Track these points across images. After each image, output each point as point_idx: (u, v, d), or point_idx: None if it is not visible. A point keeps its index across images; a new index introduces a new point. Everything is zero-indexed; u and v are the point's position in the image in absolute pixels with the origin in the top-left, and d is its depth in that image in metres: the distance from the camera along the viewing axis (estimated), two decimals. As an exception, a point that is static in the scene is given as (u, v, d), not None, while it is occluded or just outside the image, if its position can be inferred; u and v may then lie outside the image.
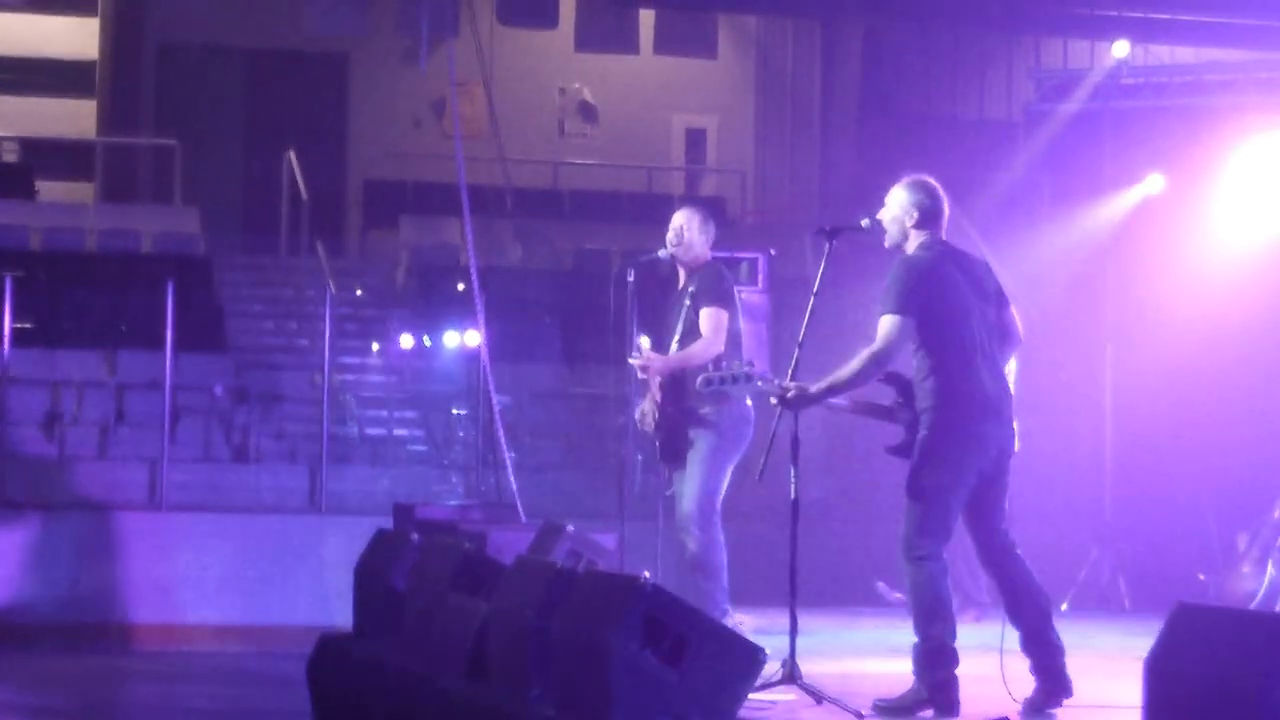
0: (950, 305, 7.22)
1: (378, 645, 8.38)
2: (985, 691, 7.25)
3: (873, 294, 9.78)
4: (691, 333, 9.17)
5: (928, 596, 7.14)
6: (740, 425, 9.16)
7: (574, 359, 15.73)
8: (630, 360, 9.28)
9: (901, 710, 7.09)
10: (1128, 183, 13.47)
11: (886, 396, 7.45)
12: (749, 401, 9.13)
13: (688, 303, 9.28)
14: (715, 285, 9.22)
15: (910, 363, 7.35)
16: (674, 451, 9.28)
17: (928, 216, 7.45)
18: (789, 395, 7.29)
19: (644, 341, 9.29)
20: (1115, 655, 8.58)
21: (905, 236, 7.49)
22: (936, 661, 7.13)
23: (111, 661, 11.78)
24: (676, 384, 9.22)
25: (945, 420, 7.14)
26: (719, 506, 9.21)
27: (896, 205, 7.52)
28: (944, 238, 7.46)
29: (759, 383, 7.33)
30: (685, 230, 9.32)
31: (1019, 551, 7.30)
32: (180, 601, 12.39)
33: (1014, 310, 7.52)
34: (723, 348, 9.09)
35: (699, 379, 7.45)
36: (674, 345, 9.31)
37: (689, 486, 9.16)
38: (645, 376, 9.33)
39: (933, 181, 7.57)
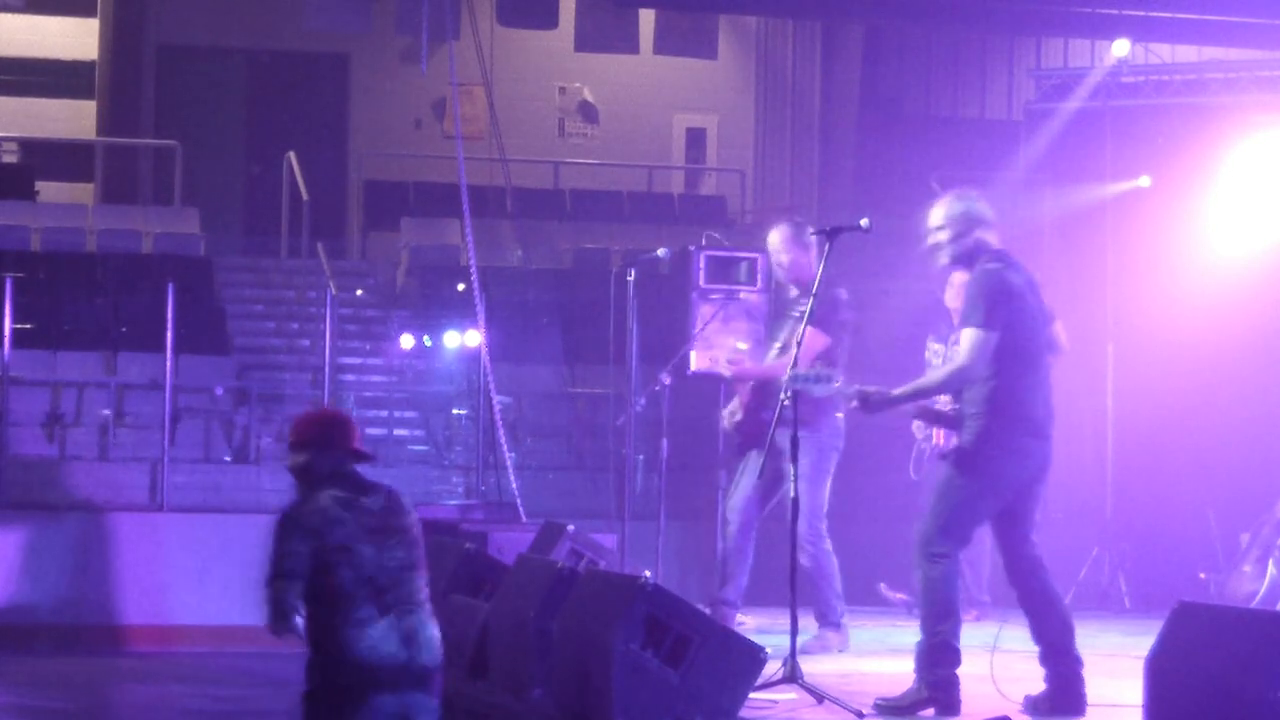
0: (1021, 321, 7.21)
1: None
2: (985, 690, 7.25)
3: (871, 292, 9.83)
4: (792, 347, 9.24)
5: (939, 595, 7.13)
6: (834, 438, 9.36)
7: (574, 359, 15.71)
8: (723, 367, 9.42)
9: (902, 709, 7.10)
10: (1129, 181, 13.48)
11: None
12: (840, 415, 9.29)
13: (796, 315, 9.33)
14: (829, 313, 9.28)
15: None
16: (755, 440, 9.40)
17: (989, 226, 7.40)
18: (871, 398, 7.28)
19: (741, 346, 9.44)
20: (1115, 655, 8.58)
21: (974, 247, 7.36)
22: (940, 659, 7.13)
23: (111, 662, 11.77)
24: (767, 394, 9.30)
25: (991, 432, 7.14)
26: (824, 517, 9.37)
27: (957, 221, 7.38)
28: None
29: (837, 383, 7.33)
30: (777, 254, 9.49)
31: (1045, 564, 7.32)
32: (180, 602, 12.38)
33: (1059, 325, 7.51)
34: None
35: (785, 377, 7.48)
36: (773, 352, 9.40)
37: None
38: (731, 378, 9.50)
39: (975, 191, 7.54)
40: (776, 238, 9.54)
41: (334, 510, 6.10)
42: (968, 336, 7.20)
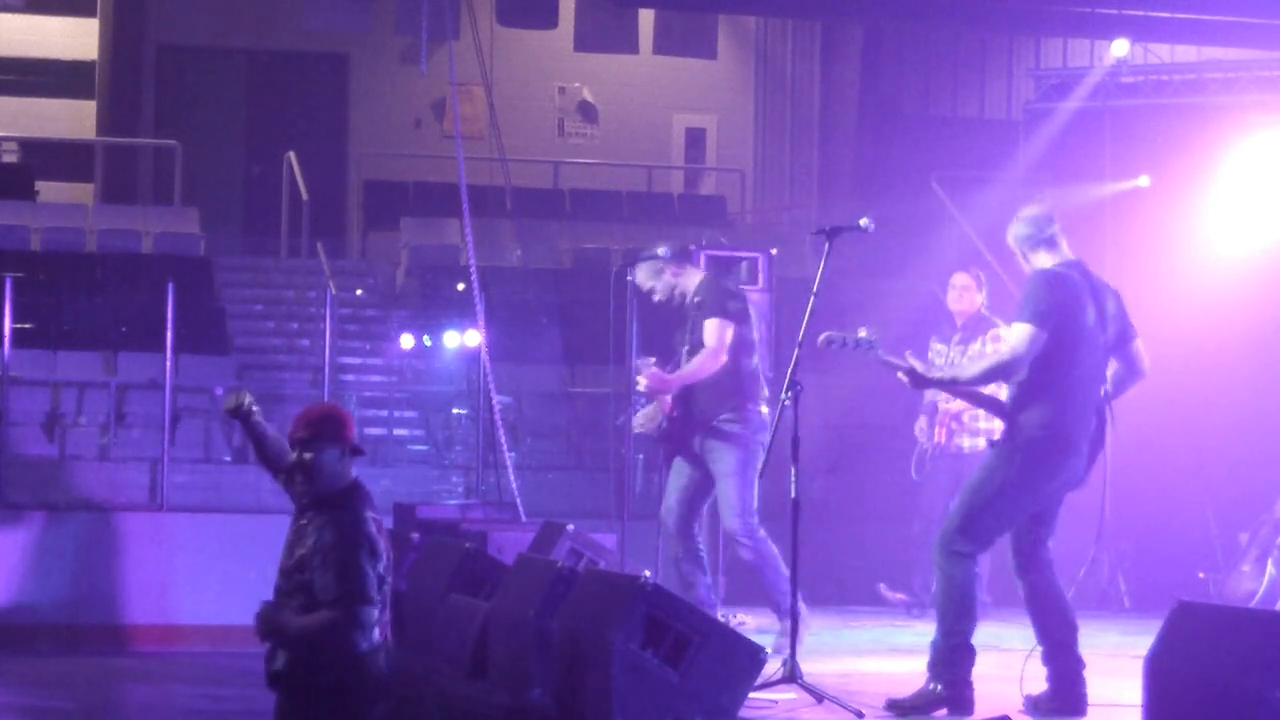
0: (1074, 329, 7.16)
1: (378, 645, 8.36)
2: (983, 690, 7.25)
3: (871, 292, 9.83)
4: (699, 346, 9.18)
5: (960, 594, 7.13)
6: (759, 433, 9.16)
7: (574, 359, 15.72)
8: (638, 383, 9.30)
9: (917, 709, 7.08)
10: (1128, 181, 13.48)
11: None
12: (764, 410, 9.17)
13: (694, 314, 9.30)
14: (713, 295, 9.23)
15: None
16: (680, 449, 9.31)
17: (1049, 240, 7.33)
18: (915, 373, 7.24)
19: (648, 361, 9.32)
20: (1115, 654, 8.59)
21: (1032, 252, 7.34)
22: (958, 659, 7.12)
23: (112, 662, 11.78)
24: (688, 398, 9.23)
25: (1027, 442, 7.12)
26: (756, 512, 9.19)
27: (1025, 224, 7.37)
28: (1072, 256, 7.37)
29: (880, 353, 7.25)
30: (646, 290, 9.44)
31: (1054, 567, 7.32)
32: (181, 602, 12.38)
33: (1140, 344, 7.44)
34: (725, 358, 9.09)
35: (820, 337, 7.35)
36: (684, 357, 9.35)
37: (726, 504, 9.15)
38: (646, 393, 9.37)
39: (1044, 209, 7.46)
40: (639, 276, 9.53)
41: (379, 539, 6.09)
42: (1014, 330, 7.17)
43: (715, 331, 9.10)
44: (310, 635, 6.00)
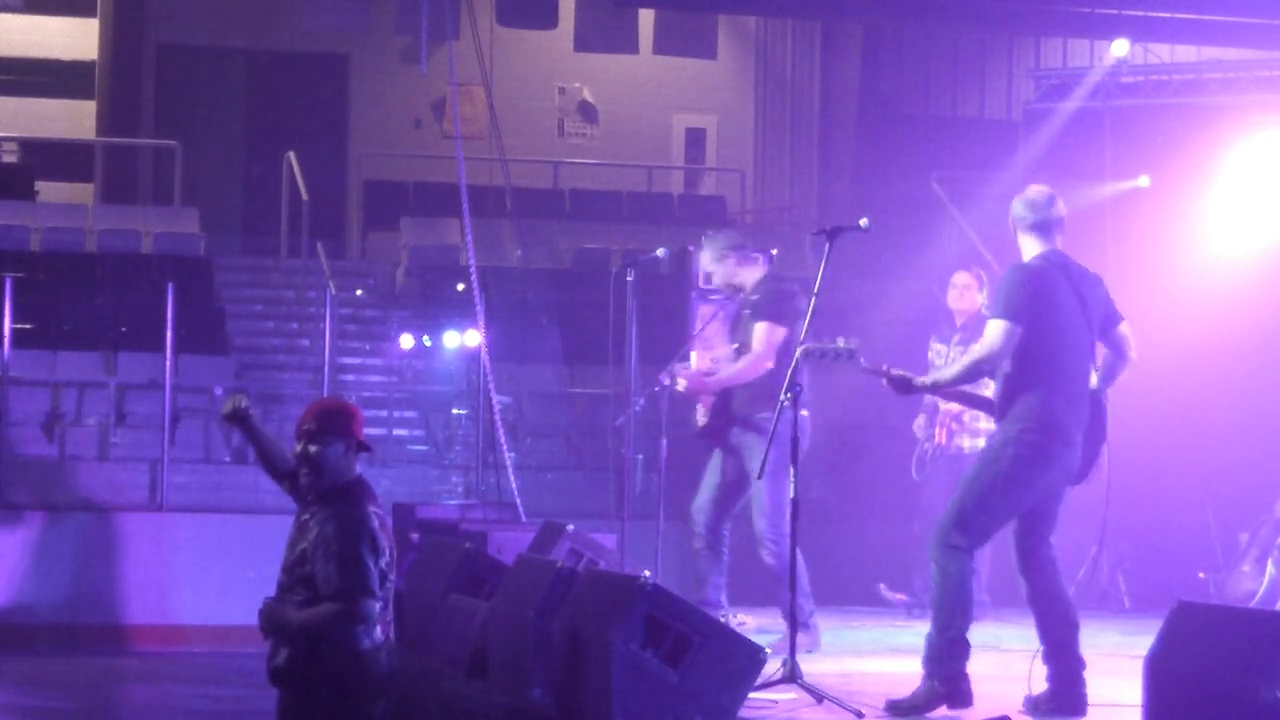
0: (1054, 321, 7.17)
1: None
2: (983, 690, 7.25)
3: (871, 292, 9.81)
4: (748, 347, 9.19)
5: (956, 589, 7.13)
6: (797, 433, 9.09)
7: (574, 359, 15.72)
8: (678, 385, 9.31)
9: (916, 708, 7.08)
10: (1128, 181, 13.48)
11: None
12: (805, 412, 9.12)
13: (747, 313, 9.30)
14: (767, 298, 9.24)
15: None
16: (718, 446, 9.33)
17: (1043, 225, 7.35)
18: (897, 380, 7.26)
19: (691, 358, 9.34)
20: (1115, 654, 8.59)
21: (1019, 243, 7.37)
22: (954, 654, 7.13)
23: (111, 662, 11.78)
24: (727, 396, 9.23)
25: (1017, 434, 7.13)
26: (788, 518, 9.12)
27: (1013, 214, 7.40)
28: (1058, 247, 7.37)
29: (862, 361, 7.26)
30: (717, 275, 9.44)
31: (1058, 564, 7.32)
32: (180, 602, 12.39)
33: (1125, 328, 7.44)
34: (771, 363, 9.10)
35: (800, 350, 7.36)
36: (732, 355, 9.37)
37: (756, 505, 9.15)
38: (685, 392, 9.39)
39: (1046, 192, 7.48)
40: (707, 251, 9.54)
41: (381, 534, 6.08)
42: (990, 327, 7.20)
43: (764, 336, 9.12)
44: (312, 628, 5.99)
